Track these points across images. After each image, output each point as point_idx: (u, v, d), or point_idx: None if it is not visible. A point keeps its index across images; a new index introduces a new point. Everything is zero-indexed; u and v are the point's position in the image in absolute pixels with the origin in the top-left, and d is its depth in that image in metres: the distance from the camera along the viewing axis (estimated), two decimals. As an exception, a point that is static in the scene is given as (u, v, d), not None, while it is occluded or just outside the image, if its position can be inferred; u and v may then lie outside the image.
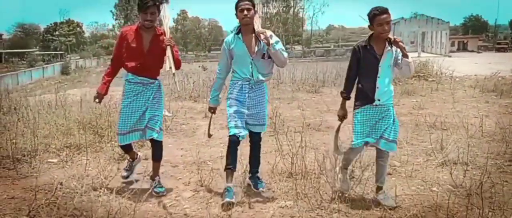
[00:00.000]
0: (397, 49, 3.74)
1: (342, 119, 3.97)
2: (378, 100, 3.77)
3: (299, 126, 6.00)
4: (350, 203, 3.87)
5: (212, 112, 4.29)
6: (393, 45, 3.72)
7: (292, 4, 74.24)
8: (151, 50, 4.02)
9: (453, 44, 62.07)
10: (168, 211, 3.87)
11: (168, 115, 5.06)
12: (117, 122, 4.30)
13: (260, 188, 4.18)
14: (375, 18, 3.63)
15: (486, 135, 6.27)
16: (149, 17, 3.90)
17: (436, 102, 9.84)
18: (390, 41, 3.72)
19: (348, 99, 3.96)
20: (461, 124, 6.61)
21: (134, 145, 4.66)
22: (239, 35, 3.97)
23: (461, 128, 6.46)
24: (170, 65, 3.89)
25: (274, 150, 5.13)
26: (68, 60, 52.21)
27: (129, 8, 66.05)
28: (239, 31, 3.99)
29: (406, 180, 4.48)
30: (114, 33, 73.10)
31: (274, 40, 3.88)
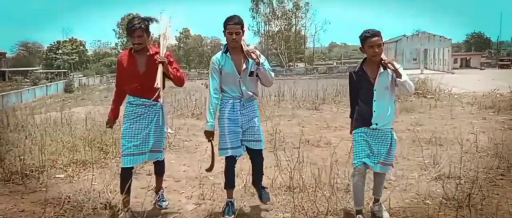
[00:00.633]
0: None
1: None
2: (376, 124, 3.76)
3: (299, 142, 6.17)
4: (344, 215, 4.02)
5: (210, 139, 4.05)
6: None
7: (294, 22, 75.02)
8: (147, 71, 3.97)
9: (455, 61, 62.34)
10: (171, 223, 4.03)
11: (170, 131, 5.18)
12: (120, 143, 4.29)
13: (264, 199, 4.23)
14: (366, 41, 3.65)
15: (481, 150, 6.41)
16: (136, 40, 3.91)
17: (434, 119, 9.97)
18: (383, 63, 3.71)
19: None
20: (456, 140, 6.71)
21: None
22: (228, 54, 3.99)
23: (456, 144, 6.55)
24: (157, 81, 3.84)
25: (273, 165, 5.28)
26: (71, 78, 52.88)
27: (131, 26, 66.68)
28: (227, 50, 4.00)
29: (401, 194, 4.62)
30: (116, 52, 73.88)
31: (262, 59, 3.95)
